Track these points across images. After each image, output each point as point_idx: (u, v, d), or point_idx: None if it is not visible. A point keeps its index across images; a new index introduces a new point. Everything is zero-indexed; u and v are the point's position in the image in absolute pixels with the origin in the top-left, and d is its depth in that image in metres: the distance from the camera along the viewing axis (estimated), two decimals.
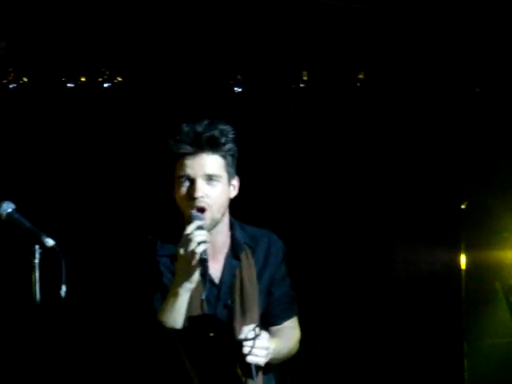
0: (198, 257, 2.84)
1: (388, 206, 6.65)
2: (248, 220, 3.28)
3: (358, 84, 6.46)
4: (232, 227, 3.15)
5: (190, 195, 2.97)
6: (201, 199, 2.97)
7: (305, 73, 6.40)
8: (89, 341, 5.96)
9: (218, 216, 3.02)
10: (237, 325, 3.05)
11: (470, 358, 5.99)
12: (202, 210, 2.97)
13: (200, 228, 2.89)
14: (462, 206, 6.34)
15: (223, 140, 3.02)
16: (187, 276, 2.88)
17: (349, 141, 6.63)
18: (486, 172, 6.28)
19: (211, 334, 3.01)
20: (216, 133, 3.00)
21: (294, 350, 3.29)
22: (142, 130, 6.38)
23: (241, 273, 3.07)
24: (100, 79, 6.17)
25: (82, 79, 6.14)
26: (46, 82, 6.05)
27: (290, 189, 6.62)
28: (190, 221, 2.94)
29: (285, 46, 6.09)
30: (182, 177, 3.00)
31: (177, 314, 2.92)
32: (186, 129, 3.00)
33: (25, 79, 5.98)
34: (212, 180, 2.99)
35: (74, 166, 6.32)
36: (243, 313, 3.07)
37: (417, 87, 6.42)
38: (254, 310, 3.09)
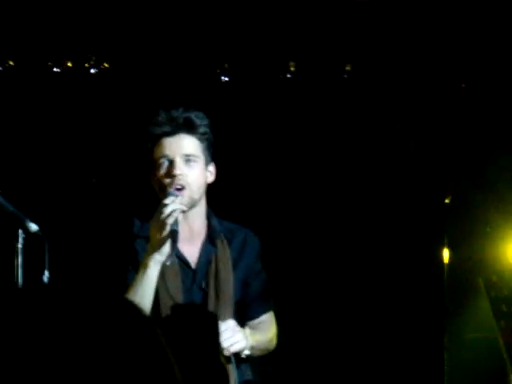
0: (168, 228, 2.87)
1: (371, 198, 6.67)
2: (234, 211, 3.33)
3: (345, 76, 6.46)
4: (209, 215, 3.20)
5: (169, 173, 3.01)
6: (179, 177, 3.01)
7: (292, 63, 6.40)
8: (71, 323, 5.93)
9: (196, 197, 3.07)
10: (211, 308, 3.09)
11: (451, 351, 6.02)
12: (180, 188, 3.01)
13: (173, 203, 2.94)
14: (446, 200, 6.37)
15: (199, 122, 3.09)
16: (158, 247, 2.91)
17: (334, 132, 6.63)
18: (470, 166, 6.30)
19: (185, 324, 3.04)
20: (192, 115, 3.07)
21: (272, 345, 3.36)
22: (127, 116, 6.36)
23: (216, 258, 3.12)
24: (87, 65, 6.14)
25: (69, 64, 6.11)
26: (32, 66, 6.02)
27: (275, 180, 6.62)
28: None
29: (273, 35, 6.08)
30: (161, 157, 3.04)
31: (145, 289, 2.94)
32: (162, 113, 3.07)
33: (11, 63, 5.95)
34: (190, 161, 3.04)
35: (58, 151, 6.30)
36: (217, 296, 3.10)
37: (403, 80, 6.43)
38: (228, 295, 3.12)
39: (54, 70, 6.11)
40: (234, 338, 3.01)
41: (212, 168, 3.17)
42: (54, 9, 5.60)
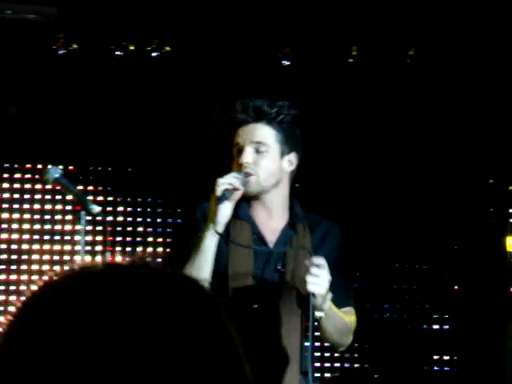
0: (219, 192, 2.94)
1: (435, 188, 6.59)
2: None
3: (408, 60, 6.37)
4: (292, 203, 3.22)
5: (238, 162, 3.08)
6: (246, 165, 3.07)
7: (354, 48, 6.33)
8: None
9: (267, 184, 3.11)
10: (285, 290, 3.06)
11: None
12: (248, 175, 3.08)
13: (235, 178, 3.03)
14: (510, 187, 6.26)
15: (273, 111, 3.11)
16: (212, 215, 2.97)
17: (397, 118, 6.56)
18: None
19: (255, 306, 3.02)
20: (264, 104, 3.12)
21: (346, 337, 3.26)
22: (189, 100, 6.37)
23: (296, 242, 3.09)
24: (148, 48, 6.16)
25: (131, 48, 6.13)
26: (95, 49, 6.05)
27: (340, 167, 6.57)
28: None
29: (335, 20, 6.03)
30: (234, 145, 3.14)
31: (202, 261, 2.97)
32: (238, 102, 3.16)
33: (74, 46, 5.99)
34: (260, 149, 3.08)
35: (121, 135, 6.33)
36: (293, 279, 3.08)
37: (464, 68, 6.33)
38: (304, 280, 3.05)
39: (117, 53, 6.13)
40: (320, 280, 2.91)
41: (293, 157, 3.20)
42: None
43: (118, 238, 6.33)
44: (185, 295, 1.02)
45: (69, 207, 6.13)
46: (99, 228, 5.66)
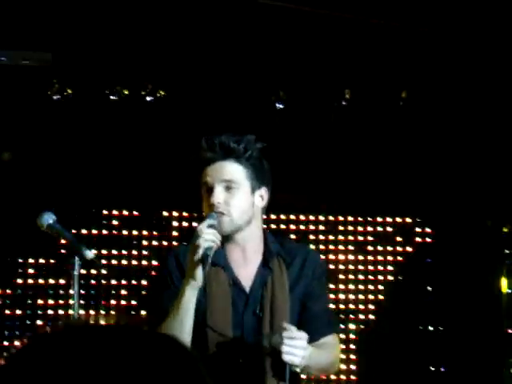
0: (201, 251, 2.87)
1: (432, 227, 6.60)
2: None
3: (401, 103, 6.42)
4: (265, 237, 3.17)
5: (209, 202, 3.03)
6: (217, 205, 3.01)
7: (347, 91, 6.37)
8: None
9: (240, 223, 3.05)
10: (265, 334, 3.03)
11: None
12: (220, 215, 3.01)
13: (211, 226, 2.94)
14: (504, 230, 6.27)
15: (240, 147, 3.06)
16: (192, 271, 2.91)
17: (390, 160, 6.59)
18: None
19: (240, 360, 2.99)
20: (231, 140, 3.06)
21: (333, 369, 3.26)
22: (183, 144, 6.39)
23: (272, 282, 3.06)
24: (143, 93, 6.20)
25: (125, 92, 6.17)
26: (90, 94, 6.09)
27: (330, 205, 6.60)
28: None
29: (328, 63, 6.07)
30: (203, 184, 3.07)
31: (183, 315, 2.94)
32: (203, 140, 3.09)
33: (69, 91, 6.02)
34: (230, 187, 3.03)
35: (116, 178, 6.35)
36: (272, 322, 3.05)
37: (460, 107, 6.37)
38: (284, 319, 3.05)
39: (111, 97, 6.16)
40: (297, 350, 2.89)
41: (264, 192, 3.13)
42: (111, 37, 5.66)
43: (113, 282, 6.32)
44: (164, 354, 1.03)
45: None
46: (94, 272, 5.68)
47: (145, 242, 6.48)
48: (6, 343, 6.12)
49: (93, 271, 6.00)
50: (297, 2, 5.41)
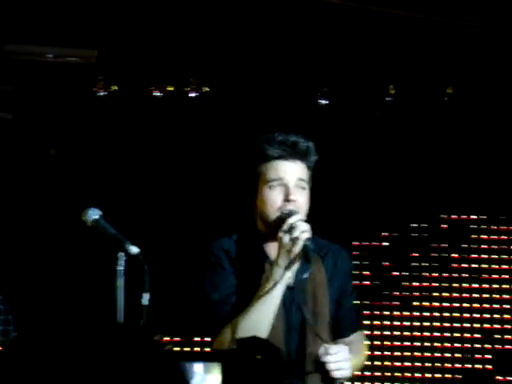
0: (301, 243, 2.87)
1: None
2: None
3: (446, 98, 6.36)
4: None
5: (285, 198, 3.01)
6: (293, 202, 3.00)
7: (392, 86, 6.34)
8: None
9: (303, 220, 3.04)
10: (310, 328, 3.03)
11: None
12: (295, 212, 3.00)
13: (301, 220, 2.94)
14: None
15: (313, 152, 3.08)
16: (286, 259, 2.91)
17: (436, 156, 6.54)
18: None
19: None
20: (310, 144, 3.07)
21: (362, 365, 3.30)
22: (226, 140, 6.41)
23: (313, 277, 3.05)
24: (187, 89, 6.21)
25: (169, 88, 6.19)
26: (134, 90, 6.12)
27: (374, 201, 6.57)
28: (280, 218, 2.97)
29: (373, 59, 6.04)
30: (275, 180, 3.03)
31: (270, 307, 2.92)
32: (279, 136, 3.06)
33: (114, 87, 6.07)
34: (302, 186, 3.05)
35: (161, 175, 6.38)
36: (315, 316, 3.05)
37: (505, 104, 6.30)
38: (325, 315, 3.07)
39: (155, 94, 6.19)
40: (343, 363, 2.93)
41: None
42: (156, 34, 5.69)
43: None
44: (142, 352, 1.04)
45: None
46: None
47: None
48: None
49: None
50: None
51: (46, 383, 1.04)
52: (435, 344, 6.47)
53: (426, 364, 6.47)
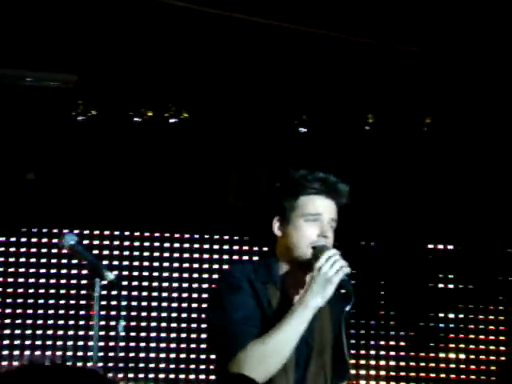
0: (340, 276, 2.90)
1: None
2: None
3: (425, 129, 6.40)
4: None
5: (320, 233, 3.02)
6: (325, 239, 3.03)
7: (371, 115, 6.37)
8: None
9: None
10: (315, 364, 3.03)
11: None
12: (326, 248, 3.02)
13: (338, 255, 2.96)
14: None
15: (347, 195, 3.13)
16: (322, 292, 2.92)
17: (412, 186, 6.58)
18: None
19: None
20: (347, 188, 3.12)
21: None
22: (205, 165, 6.41)
23: (320, 312, 3.04)
24: (166, 114, 6.22)
25: (149, 114, 6.20)
26: (114, 115, 6.12)
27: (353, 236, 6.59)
28: (315, 249, 2.99)
29: (352, 88, 6.08)
30: (314, 214, 3.05)
31: (297, 332, 2.90)
32: (320, 173, 3.10)
33: (93, 112, 6.06)
34: (332, 227, 3.08)
35: (139, 199, 6.37)
36: (319, 353, 3.05)
37: (482, 134, 6.35)
38: (328, 352, 3.06)
39: (135, 119, 6.19)
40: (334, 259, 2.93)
41: None
42: (136, 60, 5.69)
43: (134, 303, 6.33)
44: None
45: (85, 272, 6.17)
46: (114, 293, 5.69)
47: (166, 264, 6.49)
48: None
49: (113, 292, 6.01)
50: (320, 27, 5.43)
51: None
52: None
53: None
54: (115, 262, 6.30)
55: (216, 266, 6.44)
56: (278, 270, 3.08)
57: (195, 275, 6.48)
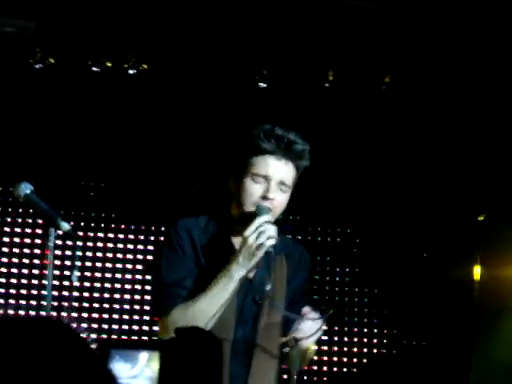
0: (264, 249, 2.91)
1: (406, 216, 6.63)
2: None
3: (384, 87, 6.41)
4: None
5: (264, 194, 3.01)
6: (271, 201, 3.01)
7: (331, 72, 6.36)
8: None
9: (273, 220, 3.06)
10: (261, 322, 3.06)
11: (477, 370, 5.97)
12: (269, 210, 3.02)
13: (269, 223, 2.95)
14: (480, 218, 6.31)
15: (307, 156, 3.08)
16: (247, 264, 2.94)
17: (370, 145, 6.60)
18: (504, 184, 6.25)
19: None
20: (306, 147, 3.07)
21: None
22: (163, 119, 6.38)
23: (275, 273, 3.05)
24: (126, 65, 6.16)
25: (108, 64, 6.13)
26: (72, 64, 6.04)
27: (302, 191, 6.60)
28: (253, 213, 2.99)
29: (313, 44, 6.06)
30: (259, 175, 3.03)
31: (221, 300, 2.94)
32: (278, 130, 3.04)
33: (51, 60, 5.98)
34: (283, 188, 3.04)
35: (95, 150, 6.33)
36: (269, 311, 3.08)
37: (441, 93, 6.38)
38: (279, 312, 3.09)
39: (93, 69, 6.12)
40: (314, 327, 2.96)
41: None
42: (96, 8, 5.62)
43: (89, 254, 6.32)
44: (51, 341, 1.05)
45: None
46: (69, 243, 5.67)
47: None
48: None
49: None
50: None
51: None
52: None
53: None
54: (72, 212, 6.29)
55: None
56: (227, 226, 3.10)
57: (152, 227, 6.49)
